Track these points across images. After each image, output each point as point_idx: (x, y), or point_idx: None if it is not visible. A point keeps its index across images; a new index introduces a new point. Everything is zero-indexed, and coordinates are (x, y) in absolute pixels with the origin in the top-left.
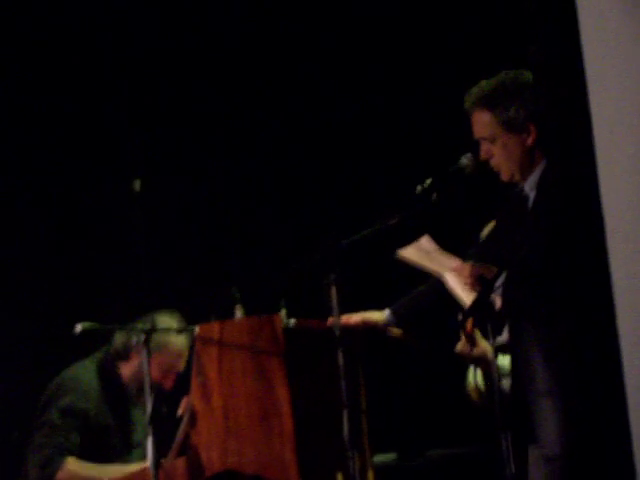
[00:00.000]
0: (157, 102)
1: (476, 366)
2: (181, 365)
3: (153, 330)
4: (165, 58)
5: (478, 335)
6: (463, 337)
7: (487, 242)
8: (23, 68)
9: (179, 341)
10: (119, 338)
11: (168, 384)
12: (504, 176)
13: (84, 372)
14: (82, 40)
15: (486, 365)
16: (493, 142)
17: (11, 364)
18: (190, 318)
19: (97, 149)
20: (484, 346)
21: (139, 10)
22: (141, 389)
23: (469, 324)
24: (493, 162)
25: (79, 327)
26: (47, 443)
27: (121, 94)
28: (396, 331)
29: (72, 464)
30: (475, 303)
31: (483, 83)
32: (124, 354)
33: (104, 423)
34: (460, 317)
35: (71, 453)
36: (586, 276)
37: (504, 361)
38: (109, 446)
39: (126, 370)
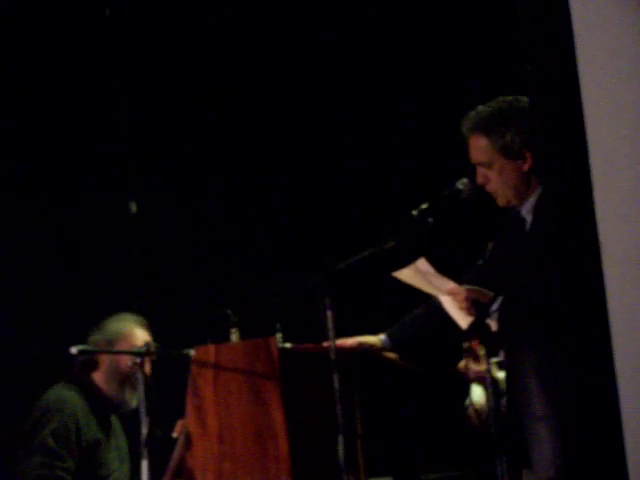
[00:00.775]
0: (153, 123)
1: (478, 383)
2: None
3: (149, 352)
4: (161, 79)
5: (481, 351)
6: (466, 354)
7: (483, 266)
8: (19, 89)
9: (144, 334)
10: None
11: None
12: (500, 201)
13: (66, 391)
14: (79, 62)
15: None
16: (489, 167)
17: (6, 387)
18: (186, 341)
19: (92, 171)
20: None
21: (135, 30)
22: (120, 387)
23: (474, 340)
24: (490, 187)
25: (74, 349)
26: (43, 475)
27: (117, 115)
28: (392, 355)
29: None
30: (471, 327)
31: (480, 108)
32: (93, 364)
33: (95, 438)
34: (460, 336)
35: None
36: (582, 301)
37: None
38: (103, 461)
39: (99, 378)
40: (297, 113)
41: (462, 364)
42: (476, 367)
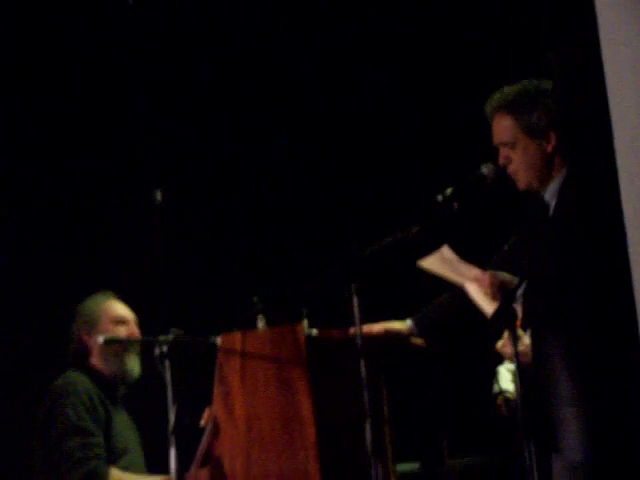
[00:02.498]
0: (178, 112)
1: (517, 363)
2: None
3: (175, 341)
4: (186, 68)
5: (520, 332)
6: (506, 334)
7: (508, 251)
8: (46, 80)
9: (120, 306)
10: (71, 342)
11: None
12: (521, 184)
13: (73, 375)
14: (105, 53)
15: (526, 361)
16: (513, 147)
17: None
18: (212, 329)
19: (117, 160)
20: (526, 342)
21: (157, 24)
22: (118, 361)
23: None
24: (511, 168)
25: (101, 338)
26: (84, 456)
27: (141, 104)
28: (418, 340)
29: (115, 474)
30: (497, 312)
31: (505, 89)
32: (85, 350)
33: (108, 415)
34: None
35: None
36: (608, 285)
37: None
38: (118, 436)
39: (96, 361)
40: (320, 101)
41: (500, 344)
42: (519, 347)
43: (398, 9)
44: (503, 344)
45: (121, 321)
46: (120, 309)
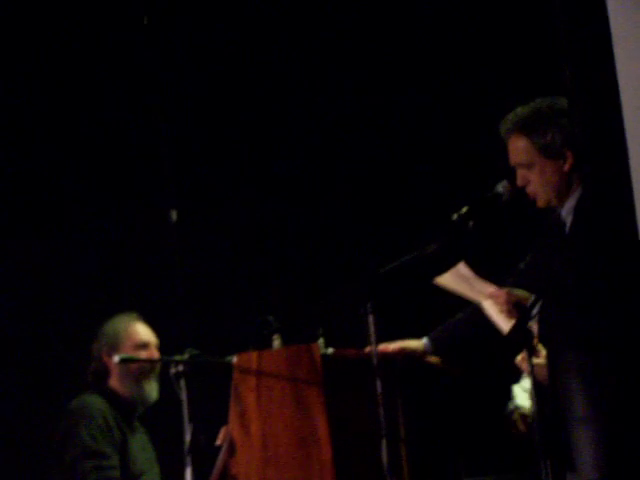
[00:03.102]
0: (195, 131)
1: (532, 379)
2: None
3: (191, 360)
4: (201, 88)
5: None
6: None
7: (524, 269)
8: (61, 97)
9: (143, 328)
10: (92, 361)
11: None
12: (541, 202)
13: (89, 398)
14: (121, 68)
15: (544, 374)
16: (530, 168)
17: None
18: (228, 348)
19: (133, 180)
20: (544, 354)
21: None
22: (137, 384)
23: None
24: (530, 189)
25: (117, 358)
26: (98, 478)
27: (159, 123)
28: (434, 359)
29: None
30: (513, 330)
31: (519, 109)
32: (104, 371)
33: (123, 437)
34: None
35: None
36: (624, 302)
37: None
38: (134, 459)
39: (115, 383)
40: (340, 117)
41: (520, 358)
42: (535, 360)
43: (417, 30)
44: (523, 358)
45: (143, 345)
46: (143, 334)
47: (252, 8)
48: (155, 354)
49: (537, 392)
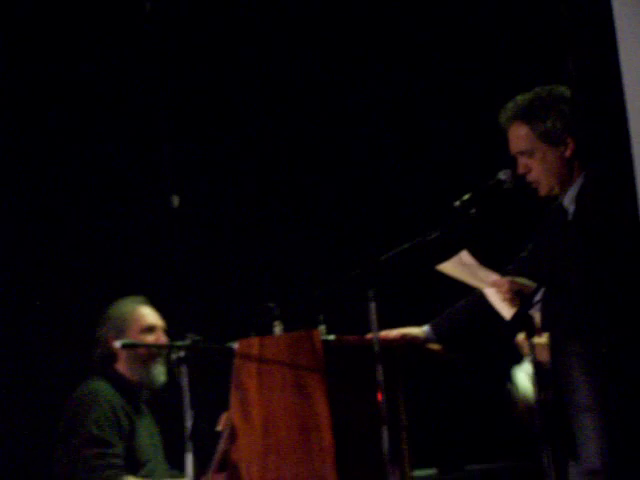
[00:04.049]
0: (196, 117)
1: (535, 356)
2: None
3: (192, 346)
4: (204, 75)
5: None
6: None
7: (526, 257)
8: (65, 86)
9: (150, 312)
10: (98, 346)
11: (157, 339)
12: (543, 190)
13: (96, 384)
14: (124, 59)
15: (546, 355)
16: (531, 156)
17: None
18: (229, 334)
19: (134, 165)
20: (547, 335)
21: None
22: (144, 368)
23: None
24: (531, 176)
25: (118, 343)
26: (100, 465)
27: (158, 109)
28: (435, 346)
29: None
30: (515, 318)
31: (518, 97)
32: (112, 356)
33: (130, 425)
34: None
35: (124, 468)
36: (626, 290)
37: None
38: (140, 447)
39: (122, 367)
40: (338, 104)
41: (520, 338)
42: (537, 340)
43: (418, 15)
44: (524, 337)
45: (149, 329)
46: (150, 317)
47: None
48: (162, 338)
49: (539, 376)
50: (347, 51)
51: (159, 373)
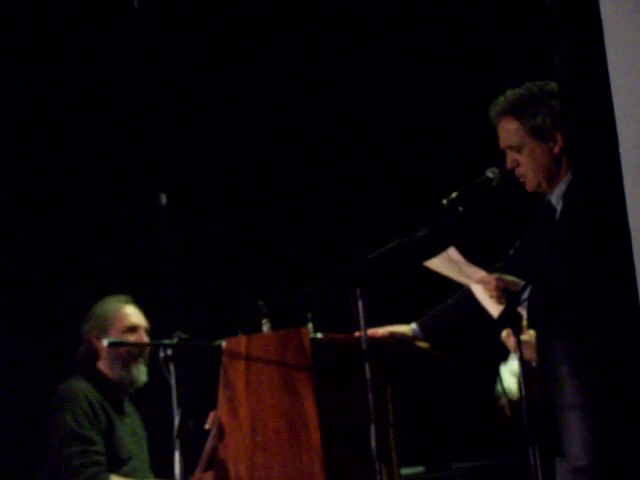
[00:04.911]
0: (184, 116)
1: (520, 353)
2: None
3: (180, 344)
4: (191, 72)
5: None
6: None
7: (514, 254)
8: (52, 83)
9: (133, 311)
10: (81, 343)
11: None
12: (530, 186)
13: (75, 383)
14: (111, 56)
15: (531, 351)
16: (520, 151)
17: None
18: (217, 332)
19: (123, 163)
20: (531, 333)
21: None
22: (125, 367)
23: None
24: (519, 171)
25: (106, 341)
26: (83, 463)
27: (147, 107)
28: (423, 344)
29: None
30: (502, 315)
31: (508, 92)
32: (94, 354)
33: (110, 422)
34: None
35: (106, 465)
36: (613, 289)
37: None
38: (121, 444)
39: (103, 366)
40: (326, 103)
41: (504, 334)
42: (522, 337)
43: (406, 11)
44: (508, 334)
45: (132, 329)
46: (133, 317)
47: None
48: (144, 338)
49: (525, 374)
50: (336, 46)
51: (140, 373)
